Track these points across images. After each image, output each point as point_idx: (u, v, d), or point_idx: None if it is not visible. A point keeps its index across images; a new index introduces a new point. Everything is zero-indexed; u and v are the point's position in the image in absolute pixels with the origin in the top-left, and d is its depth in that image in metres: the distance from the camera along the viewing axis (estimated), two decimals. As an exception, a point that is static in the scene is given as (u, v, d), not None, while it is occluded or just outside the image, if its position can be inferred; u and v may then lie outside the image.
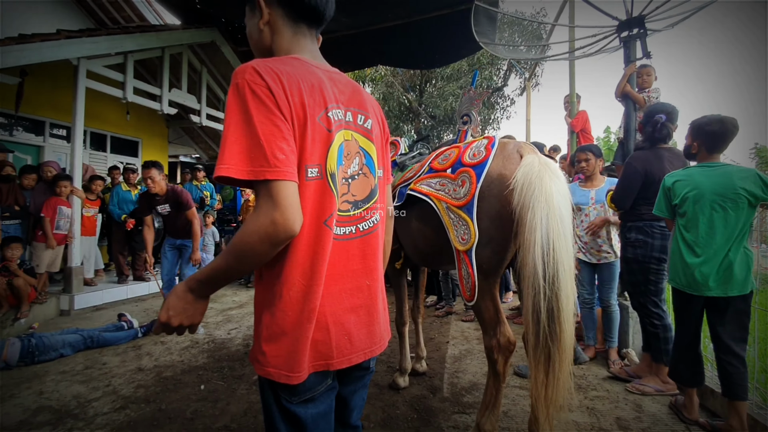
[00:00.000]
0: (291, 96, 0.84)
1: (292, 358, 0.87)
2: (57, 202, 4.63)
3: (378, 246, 1.06)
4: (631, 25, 3.53)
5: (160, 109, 6.13)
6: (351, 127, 0.99)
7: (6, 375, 3.06)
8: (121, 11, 7.32)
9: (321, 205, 0.90)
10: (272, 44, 1.01)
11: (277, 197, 0.79)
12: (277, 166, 0.79)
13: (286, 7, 0.99)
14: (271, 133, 0.80)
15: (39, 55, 4.19)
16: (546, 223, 1.58)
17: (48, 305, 4.58)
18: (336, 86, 0.98)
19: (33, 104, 6.00)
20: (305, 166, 0.86)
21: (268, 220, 0.79)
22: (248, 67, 0.83)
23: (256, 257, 0.82)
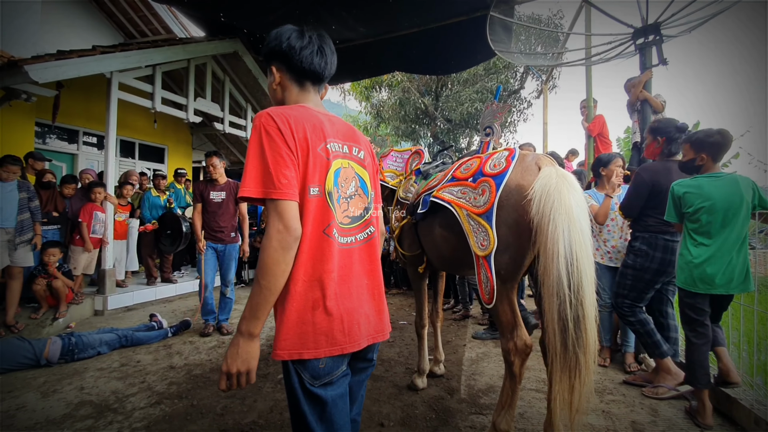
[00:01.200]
0: (296, 133, 1.10)
1: (302, 338, 1.08)
2: (93, 207, 4.89)
3: (374, 252, 1.30)
4: (647, 32, 3.56)
5: (186, 117, 6.39)
6: (347, 156, 1.24)
7: (48, 371, 3.27)
8: (149, 24, 7.65)
9: (321, 217, 1.13)
10: (283, 99, 1.29)
11: (280, 212, 1.04)
12: (281, 188, 1.05)
13: (292, 72, 1.26)
14: (278, 163, 1.06)
15: (76, 69, 4.46)
16: (568, 235, 1.67)
17: (84, 306, 4.83)
18: (334, 126, 1.24)
19: (68, 114, 6.35)
20: (308, 186, 1.11)
21: (275, 230, 1.03)
22: (264, 114, 1.10)
23: (277, 265, 1.03)
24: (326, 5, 4.78)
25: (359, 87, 13.31)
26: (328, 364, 1.11)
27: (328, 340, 1.10)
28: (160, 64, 5.64)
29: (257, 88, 7.54)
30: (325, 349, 1.09)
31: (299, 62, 1.23)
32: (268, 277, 1.03)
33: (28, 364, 3.28)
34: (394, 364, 3.40)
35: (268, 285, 1.03)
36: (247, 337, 1.05)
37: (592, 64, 4.71)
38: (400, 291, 6.40)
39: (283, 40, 1.22)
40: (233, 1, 5.01)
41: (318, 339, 1.09)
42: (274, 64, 1.26)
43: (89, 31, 7.24)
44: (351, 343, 1.14)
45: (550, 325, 1.71)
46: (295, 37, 1.22)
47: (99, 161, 7.17)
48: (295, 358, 1.07)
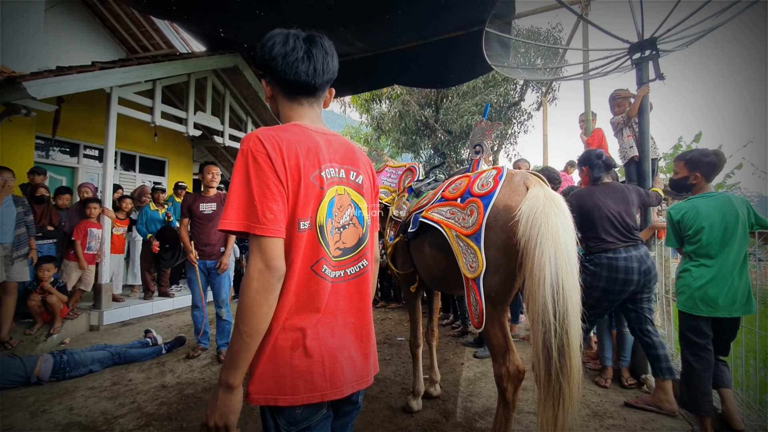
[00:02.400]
0: (288, 160, 0.99)
1: (278, 382, 0.98)
2: (87, 224, 4.87)
3: (365, 288, 1.18)
4: (643, 47, 3.55)
5: (186, 131, 6.41)
6: (344, 182, 1.14)
7: (39, 390, 3.22)
8: (150, 39, 7.74)
9: (310, 252, 1.04)
10: (279, 112, 1.19)
11: (263, 250, 0.94)
12: (265, 224, 0.94)
13: (278, 84, 1.13)
14: (264, 195, 0.96)
15: (75, 85, 4.49)
16: (555, 262, 1.63)
17: (79, 321, 4.79)
18: (331, 147, 1.12)
19: (69, 128, 6.39)
20: (298, 219, 1.01)
21: (255, 269, 0.93)
22: (253, 136, 1.00)
23: (258, 308, 0.93)
24: (324, 21, 4.81)
25: (360, 99, 13.39)
26: (306, 410, 1.01)
27: (307, 386, 0.99)
28: (160, 78, 5.68)
29: (257, 102, 7.58)
30: (303, 395, 0.99)
31: (282, 73, 1.08)
32: (248, 322, 0.92)
33: (18, 382, 3.24)
34: (390, 383, 3.33)
35: (249, 330, 0.93)
36: (225, 389, 0.94)
37: (590, 78, 4.71)
38: (399, 305, 6.33)
39: (267, 50, 1.08)
40: (232, 18, 5.05)
41: (296, 384, 0.99)
42: (265, 77, 1.15)
43: (92, 46, 7.34)
44: (333, 389, 1.03)
45: (535, 352, 1.67)
46: (279, 44, 1.07)
47: (99, 174, 7.18)
48: (271, 404, 0.98)
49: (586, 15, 4.84)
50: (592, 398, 3.02)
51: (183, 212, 4.01)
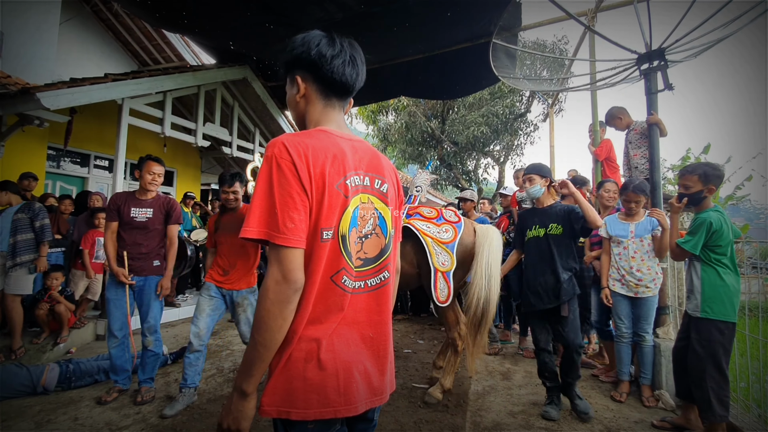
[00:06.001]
0: (313, 168, 0.97)
1: (290, 395, 0.95)
2: (95, 234, 4.90)
3: (385, 301, 1.13)
4: (651, 58, 3.54)
5: (195, 142, 6.48)
6: (368, 190, 1.10)
7: (44, 400, 3.20)
8: (161, 52, 7.89)
9: (331, 263, 1.01)
10: (305, 114, 1.14)
11: (281, 260, 0.93)
12: (285, 234, 0.92)
13: (319, 83, 1.10)
14: (286, 203, 0.93)
15: (88, 96, 4.57)
16: (488, 258, 3.08)
17: (85, 330, 4.79)
18: (357, 154, 1.10)
19: (80, 139, 6.48)
20: (321, 229, 0.98)
21: (273, 280, 0.92)
22: (279, 142, 0.97)
23: (273, 320, 0.92)
24: (332, 34, 4.88)
25: (366, 111, 13.50)
26: (318, 426, 0.98)
27: (320, 400, 0.96)
28: (170, 90, 5.77)
29: (265, 113, 7.66)
30: (315, 410, 0.96)
31: (329, 72, 1.07)
32: (262, 332, 0.91)
33: (24, 391, 3.22)
34: (397, 397, 3.27)
35: (263, 341, 0.92)
36: (239, 394, 0.94)
37: (597, 89, 4.70)
38: (406, 317, 6.27)
39: (312, 47, 1.06)
40: (243, 32, 5.14)
41: (308, 397, 0.95)
42: (299, 74, 1.11)
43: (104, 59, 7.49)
44: (347, 406, 0.99)
45: (471, 311, 3.02)
46: (325, 44, 1.07)
47: (109, 184, 7.27)
48: (283, 416, 0.95)
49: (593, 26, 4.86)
50: (604, 414, 2.94)
51: (110, 214, 3.25)
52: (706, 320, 2.47)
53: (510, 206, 4.92)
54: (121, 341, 3.29)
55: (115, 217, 3.25)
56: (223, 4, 4.35)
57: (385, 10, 4.39)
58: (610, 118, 4.44)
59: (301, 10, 4.39)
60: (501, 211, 5.48)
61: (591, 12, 4.99)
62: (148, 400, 3.16)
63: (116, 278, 3.22)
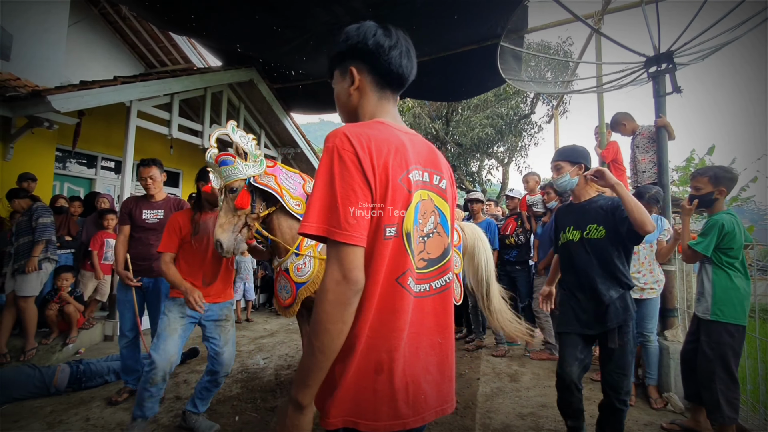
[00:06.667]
0: (376, 160, 0.91)
1: (359, 405, 0.91)
2: (104, 235, 4.93)
3: (450, 304, 1.08)
4: (660, 61, 3.55)
5: (202, 143, 6.52)
6: (428, 186, 1.04)
7: (56, 400, 3.23)
8: (168, 54, 7.94)
9: (395, 263, 0.94)
10: (358, 107, 1.10)
11: (342, 258, 0.86)
12: (347, 230, 0.86)
13: (375, 75, 1.07)
14: (348, 197, 0.87)
15: (97, 99, 4.61)
16: (486, 253, 3.73)
17: (94, 331, 4.82)
18: (415, 148, 1.04)
19: (87, 140, 6.52)
20: (384, 225, 0.92)
21: (332, 280, 0.86)
22: (340, 133, 0.92)
23: (333, 324, 0.86)
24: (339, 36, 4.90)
25: (370, 112, 13.49)
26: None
27: (390, 412, 0.91)
28: (178, 92, 5.81)
29: (271, 115, 7.70)
30: (385, 422, 0.91)
31: (387, 63, 1.04)
32: (321, 338, 0.85)
33: (37, 392, 3.25)
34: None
35: (322, 347, 0.86)
36: (295, 407, 0.88)
37: (604, 92, 4.71)
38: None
39: (369, 37, 1.03)
40: (250, 34, 5.17)
41: (378, 409, 0.91)
42: (354, 65, 1.06)
43: (112, 61, 7.55)
44: (415, 417, 0.94)
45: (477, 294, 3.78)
46: (382, 34, 1.04)
47: (116, 185, 7.33)
48: (350, 426, 0.91)
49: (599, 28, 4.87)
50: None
51: (122, 218, 3.36)
52: (717, 323, 2.48)
53: (518, 209, 4.92)
54: (132, 341, 3.32)
55: (126, 221, 3.33)
56: (231, 8, 4.38)
57: (391, 12, 4.41)
58: (614, 124, 4.45)
59: (309, 13, 4.42)
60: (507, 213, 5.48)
61: (597, 14, 5.00)
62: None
63: (123, 281, 3.29)
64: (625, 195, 2.01)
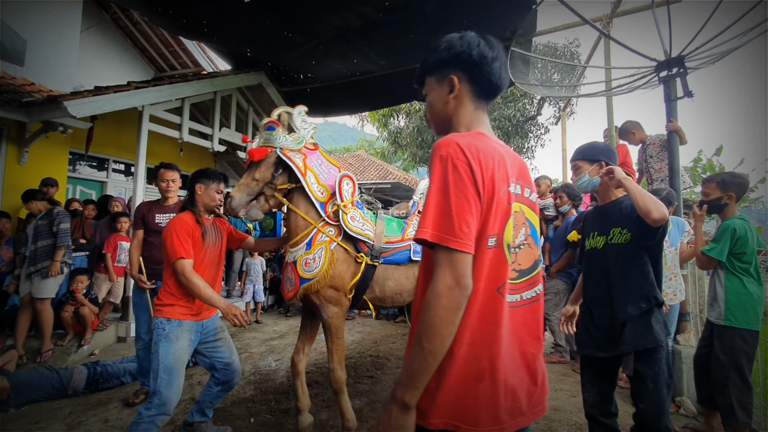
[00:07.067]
0: (485, 171, 0.95)
1: (460, 410, 0.94)
2: (117, 238, 5.01)
3: (541, 315, 1.10)
4: (671, 65, 3.56)
5: (211, 147, 6.59)
6: (520, 199, 1.07)
7: (74, 402, 3.29)
8: (178, 58, 8.03)
9: (496, 273, 0.98)
10: (454, 115, 1.12)
11: (455, 265, 0.89)
12: (461, 238, 0.89)
13: (474, 85, 1.09)
14: (462, 206, 0.91)
15: (111, 104, 4.68)
16: None
17: (107, 332, 4.89)
18: (510, 160, 1.06)
19: (99, 144, 6.60)
20: (487, 235, 0.95)
21: (444, 286, 0.89)
22: (452, 142, 0.95)
23: (445, 327, 0.89)
24: (349, 41, 4.94)
25: (377, 114, 13.58)
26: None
27: (490, 419, 0.94)
28: (189, 96, 5.87)
29: (279, 118, 7.75)
30: (485, 427, 0.93)
31: (488, 74, 1.07)
32: (433, 341, 0.88)
33: (55, 394, 3.31)
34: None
35: (433, 349, 0.88)
36: (401, 408, 0.90)
37: (615, 95, 4.72)
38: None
39: (474, 47, 1.05)
40: (260, 39, 5.22)
41: (479, 415, 0.94)
42: (454, 73, 1.08)
43: (123, 65, 7.64)
44: (512, 423, 0.97)
45: None
46: (485, 45, 1.06)
47: (126, 188, 7.42)
48: (450, 429, 0.93)
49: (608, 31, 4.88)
50: (627, 420, 2.96)
51: (136, 223, 3.40)
52: (730, 328, 2.50)
53: None
54: (148, 344, 3.34)
55: (140, 225, 3.38)
56: (244, 14, 4.43)
57: (402, 18, 4.45)
58: (623, 132, 4.46)
59: (320, 18, 4.47)
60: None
61: (606, 17, 5.01)
62: None
63: (137, 284, 3.33)
64: (630, 186, 1.85)
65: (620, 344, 1.85)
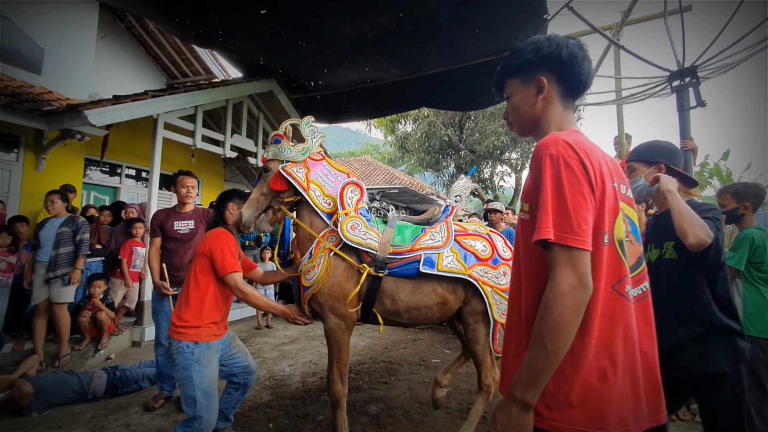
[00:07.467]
0: (596, 168, 0.95)
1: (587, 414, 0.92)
2: (133, 244, 5.08)
3: (651, 312, 1.08)
4: (683, 75, 3.59)
5: (223, 153, 6.67)
6: (618, 195, 1.05)
7: (95, 406, 3.34)
8: (190, 65, 8.15)
9: (612, 270, 0.97)
10: (542, 116, 1.13)
11: (576, 263, 0.89)
12: (580, 236, 0.89)
13: (562, 85, 1.11)
14: (579, 204, 0.91)
15: (129, 113, 4.77)
16: None
17: (122, 337, 4.95)
18: (606, 156, 1.06)
19: (113, 150, 6.70)
20: (602, 232, 0.95)
21: (567, 285, 0.88)
22: (560, 140, 0.96)
23: (569, 327, 0.88)
24: (362, 50, 5.01)
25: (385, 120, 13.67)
26: None
27: (616, 420, 0.92)
28: (202, 104, 5.97)
29: (289, 124, 7.82)
30: (615, 430, 0.91)
31: (578, 73, 1.08)
32: (557, 341, 0.88)
33: (76, 398, 3.36)
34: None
35: (557, 350, 0.88)
36: (521, 407, 0.91)
37: (626, 103, 4.75)
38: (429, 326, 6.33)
39: (563, 47, 1.07)
40: (274, 48, 5.30)
41: (606, 417, 0.92)
42: (543, 74, 1.10)
43: (137, 73, 7.77)
44: (636, 425, 0.95)
45: None
46: (575, 45, 1.08)
47: (138, 193, 7.52)
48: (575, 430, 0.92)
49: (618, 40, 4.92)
50: None
51: (153, 230, 3.44)
52: (748, 337, 2.51)
53: None
54: (168, 350, 3.39)
55: (158, 233, 3.44)
56: (259, 24, 4.51)
57: (415, 28, 4.50)
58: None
59: (335, 28, 4.53)
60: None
61: (617, 26, 5.06)
62: None
63: (158, 291, 3.38)
64: (673, 201, 1.66)
65: (673, 368, 1.63)
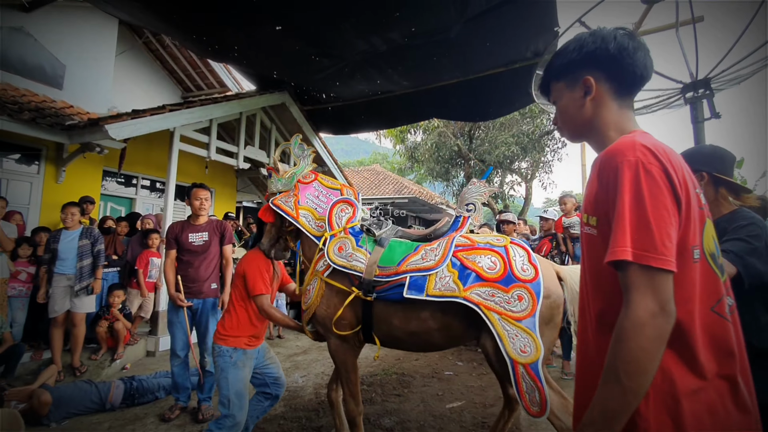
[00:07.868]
0: (679, 175, 0.83)
1: None
2: (149, 254, 5.17)
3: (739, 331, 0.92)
4: (696, 87, 3.58)
5: (236, 164, 6.78)
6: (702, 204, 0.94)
7: (112, 416, 3.39)
8: (204, 79, 8.33)
9: (707, 289, 0.86)
10: (593, 118, 1.02)
11: (657, 287, 0.77)
12: (664, 255, 0.77)
13: (614, 81, 0.99)
14: (662, 217, 0.79)
15: (148, 126, 4.89)
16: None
17: (137, 347, 5.02)
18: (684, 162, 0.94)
19: (129, 162, 6.84)
20: (690, 247, 0.83)
21: (647, 312, 0.76)
22: (638, 145, 0.84)
23: (651, 362, 0.76)
24: (374, 64, 5.09)
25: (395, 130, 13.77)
26: None
27: None
28: (217, 117, 6.09)
29: (301, 135, 7.94)
30: None
31: (631, 66, 0.96)
32: (636, 377, 0.75)
33: (94, 408, 3.42)
34: (447, 421, 3.32)
35: (636, 387, 0.76)
36: None
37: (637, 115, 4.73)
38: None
39: (610, 41, 0.96)
40: (288, 62, 5.41)
41: None
42: (589, 73, 1.00)
43: (153, 86, 7.97)
44: None
45: None
46: (623, 36, 0.96)
47: (153, 204, 7.66)
48: None
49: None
50: None
51: (168, 243, 3.51)
52: None
53: (552, 230, 4.94)
54: (183, 360, 3.47)
55: (173, 245, 3.51)
56: (274, 39, 4.61)
57: (426, 42, 4.57)
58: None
59: (348, 43, 4.62)
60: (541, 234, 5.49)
61: (628, 38, 5.06)
62: (208, 418, 3.31)
63: (174, 303, 3.44)
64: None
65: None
